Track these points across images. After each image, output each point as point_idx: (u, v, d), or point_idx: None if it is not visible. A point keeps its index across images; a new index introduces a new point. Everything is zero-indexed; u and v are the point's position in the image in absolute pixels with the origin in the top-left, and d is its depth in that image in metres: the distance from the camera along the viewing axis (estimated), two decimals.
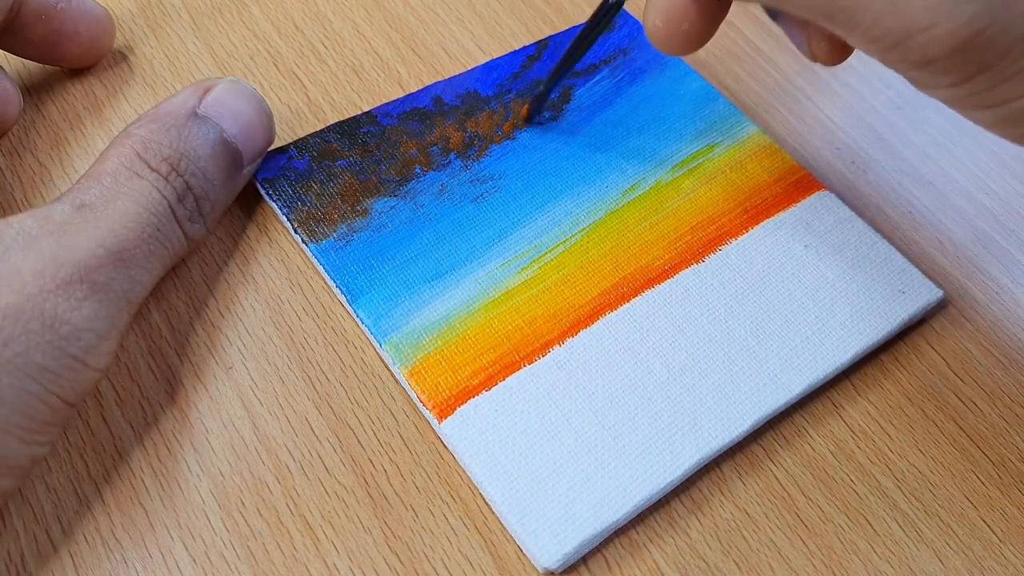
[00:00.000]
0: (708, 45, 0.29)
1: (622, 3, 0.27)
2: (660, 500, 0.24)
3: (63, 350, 0.21)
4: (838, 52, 0.26)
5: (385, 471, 0.24)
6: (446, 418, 0.24)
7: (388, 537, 0.23)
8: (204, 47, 0.32)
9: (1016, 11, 0.19)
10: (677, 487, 0.24)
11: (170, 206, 0.24)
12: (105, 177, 0.24)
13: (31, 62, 0.31)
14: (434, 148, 0.29)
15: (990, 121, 0.21)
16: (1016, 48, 0.19)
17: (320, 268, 0.27)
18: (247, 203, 0.28)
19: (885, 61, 0.21)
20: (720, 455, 0.25)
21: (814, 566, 0.23)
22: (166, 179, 0.24)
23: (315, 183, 0.28)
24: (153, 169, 0.24)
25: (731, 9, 0.25)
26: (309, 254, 0.27)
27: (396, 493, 0.24)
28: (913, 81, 0.21)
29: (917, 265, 0.28)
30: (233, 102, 0.26)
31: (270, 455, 0.24)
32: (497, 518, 0.23)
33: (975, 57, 0.20)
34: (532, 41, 0.33)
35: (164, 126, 0.25)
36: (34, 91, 0.31)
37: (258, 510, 0.23)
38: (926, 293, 0.27)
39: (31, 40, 0.29)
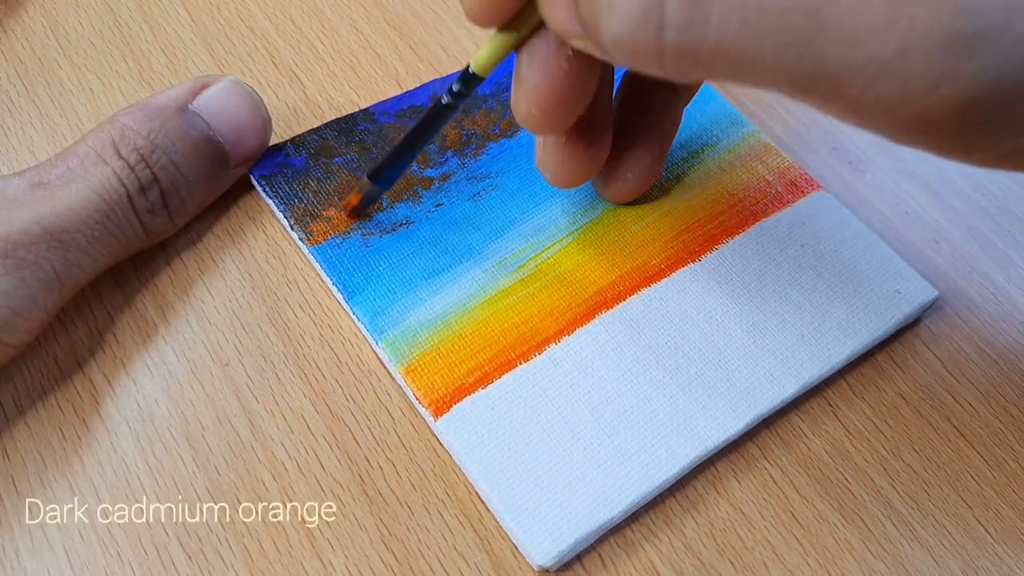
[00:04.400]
0: None
1: (457, 106, 0.24)
2: (655, 498, 0.24)
3: None
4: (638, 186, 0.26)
5: (381, 468, 0.24)
6: (442, 416, 0.24)
7: (384, 535, 0.23)
8: (201, 43, 0.32)
9: (1022, 67, 0.16)
10: (672, 486, 0.24)
11: (128, 196, 0.24)
12: (73, 159, 0.24)
13: (27, 56, 0.31)
14: (431, 146, 0.29)
15: (974, 164, 0.19)
16: (1020, 106, 0.17)
17: (316, 265, 0.27)
18: (243, 200, 0.28)
19: (865, 127, 0.18)
20: (715, 454, 0.25)
21: (808, 565, 0.23)
22: (132, 168, 0.24)
23: (312, 180, 0.28)
24: (121, 157, 0.24)
25: None
26: (305, 251, 0.27)
27: (392, 490, 0.24)
28: (896, 141, 0.19)
29: (913, 265, 0.28)
30: (228, 101, 0.26)
31: (266, 452, 0.24)
32: (493, 516, 0.23)
33: (981, 119, 0.17)
34: None
35: (148, 116, 0.25)
36: (31, 88, 0.31)
37: (254, 507, 0.23)
38: (922, 293, 0.27)
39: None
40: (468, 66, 0.23)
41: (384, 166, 0.26)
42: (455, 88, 0.23)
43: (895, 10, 0.16)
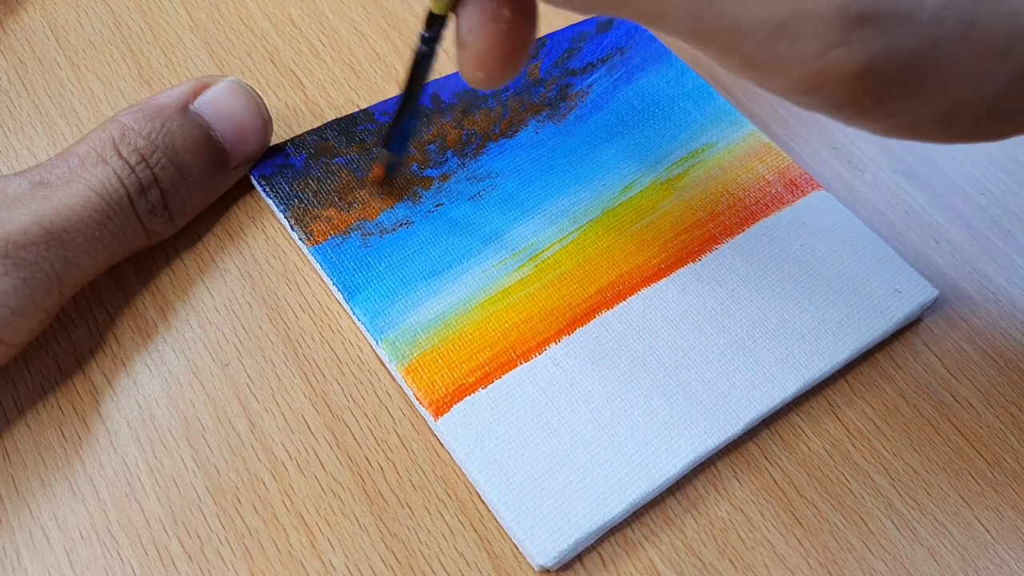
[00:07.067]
0: None
1: (434, 51, 0.25)
2: (656, 498, 0.24)
3: None
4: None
5: (381, 468, 0.24)
6: (442, 416, 0.24)
7: (384, 535, 0.23)
8: (201, 44, 0.32)
9: (914, 40, 0.18)
10: (673, 485, 0.24)
11: (128, 196, 0.24)
12: (74, 159, 0.24)
13: (27, 56, 0.31)
14: (431, 146, 0.29)
15: (873, 132, 0.20)
16: (912, 78, 0.18)
17: (317, 265, 0.27)
18: (244, 200, 0.28)
19: (763, 85, 0.19)
20: (716, 453, 0.25)
21: (809, 565, 0.23)
22: (132, 169, 0.24)
23: (312, 180, 0.28)
24: (122, 158, 0.24)
25: None
26: (306, 251, 0.27)
27: (392, 490, 0.24)
28: (794, 103, 0.20)
29: (913, 264, 0.28)
30: (229, 102, 0.26)
31: (266, 452, 0.24)
32: (493, 516, 0.23)
33: (872, 90, 0.18)
34: None
35: (149, 116, 0.25)
36: (31, 87, 0.31)
37: (254, 507, 0.23)
38: (922, 292, 0.27)
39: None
40: (430, 10, 0.23)
41: (392, 132, 0.27)
42: (425, 34, 0.24)
43: None
